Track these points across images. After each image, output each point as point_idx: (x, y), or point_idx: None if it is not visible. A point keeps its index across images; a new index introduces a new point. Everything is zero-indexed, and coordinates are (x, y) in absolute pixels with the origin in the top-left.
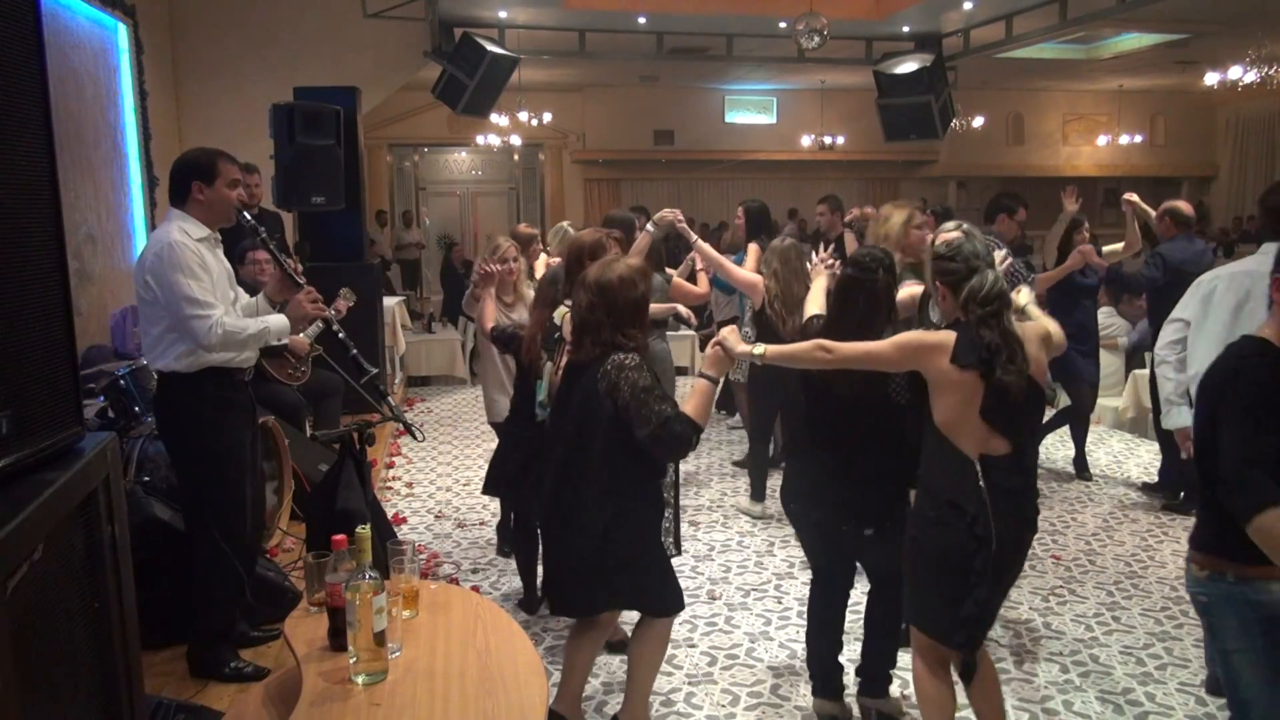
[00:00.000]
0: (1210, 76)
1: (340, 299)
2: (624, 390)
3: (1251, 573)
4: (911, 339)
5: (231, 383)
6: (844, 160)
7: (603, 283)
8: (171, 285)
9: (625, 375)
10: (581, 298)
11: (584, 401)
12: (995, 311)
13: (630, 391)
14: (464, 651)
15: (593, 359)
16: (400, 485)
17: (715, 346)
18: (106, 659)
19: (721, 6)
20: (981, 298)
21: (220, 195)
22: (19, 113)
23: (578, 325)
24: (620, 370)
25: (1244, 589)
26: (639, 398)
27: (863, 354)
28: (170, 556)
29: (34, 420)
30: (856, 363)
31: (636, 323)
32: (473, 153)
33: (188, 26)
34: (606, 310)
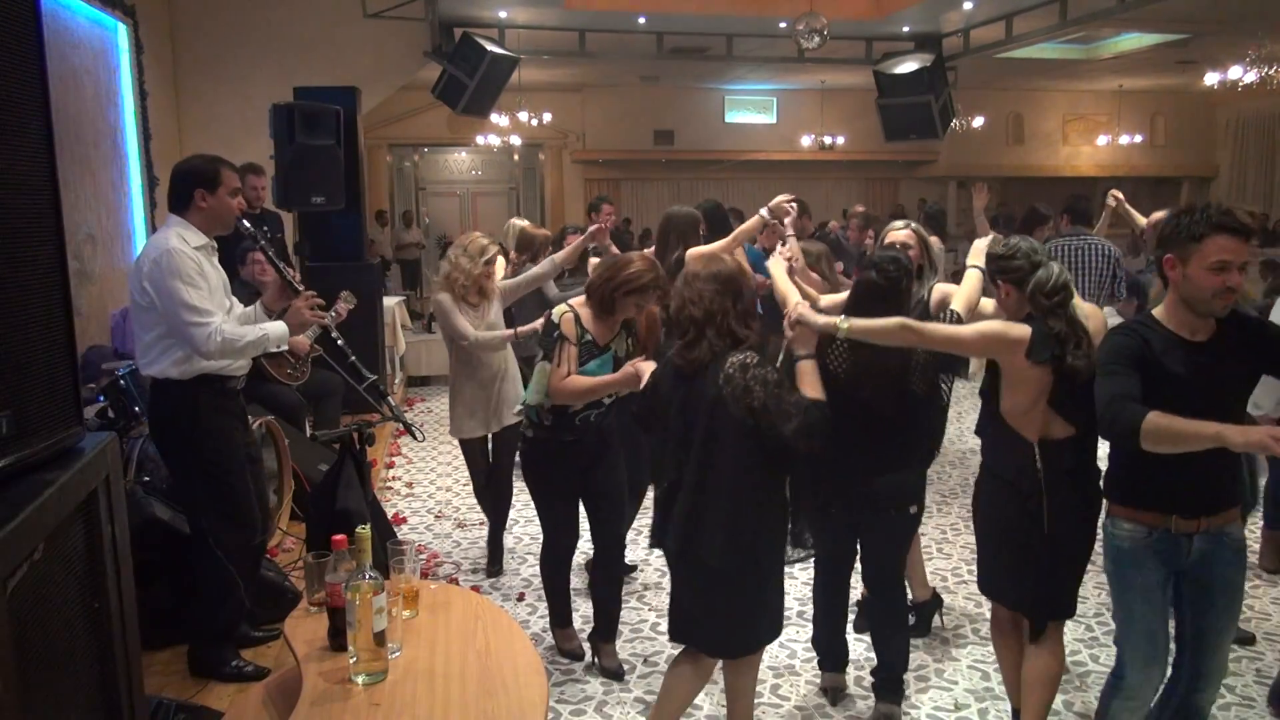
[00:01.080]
0: (1210, 76)
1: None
2: (757, 391)
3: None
4: (995, 330)
5: (224, 390)
6: (844, 160)
7: (723, 274)
8: (170, 292)
9: (753, 375)
10: (698, 290)
11: (709, 411)
12: (1062, 301)
13: (764, 390)
14: (464, 651)
15: (703, 363)
16: (400, 485)
17: (797, 325)
18: (106, 659)
19: (721, 6)
20: (1049, 289)
21: (222, 204)
22: (19, 113)
23: (699, 319)
24: (745, 371)
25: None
26: (774, 394)
27: (947, 337)
28: (170, 556)
29: (34, 420)
30: (939, 345)
31: (753, 316)
32: (473, 153)
33: (188, 26)
34: (733, 299)
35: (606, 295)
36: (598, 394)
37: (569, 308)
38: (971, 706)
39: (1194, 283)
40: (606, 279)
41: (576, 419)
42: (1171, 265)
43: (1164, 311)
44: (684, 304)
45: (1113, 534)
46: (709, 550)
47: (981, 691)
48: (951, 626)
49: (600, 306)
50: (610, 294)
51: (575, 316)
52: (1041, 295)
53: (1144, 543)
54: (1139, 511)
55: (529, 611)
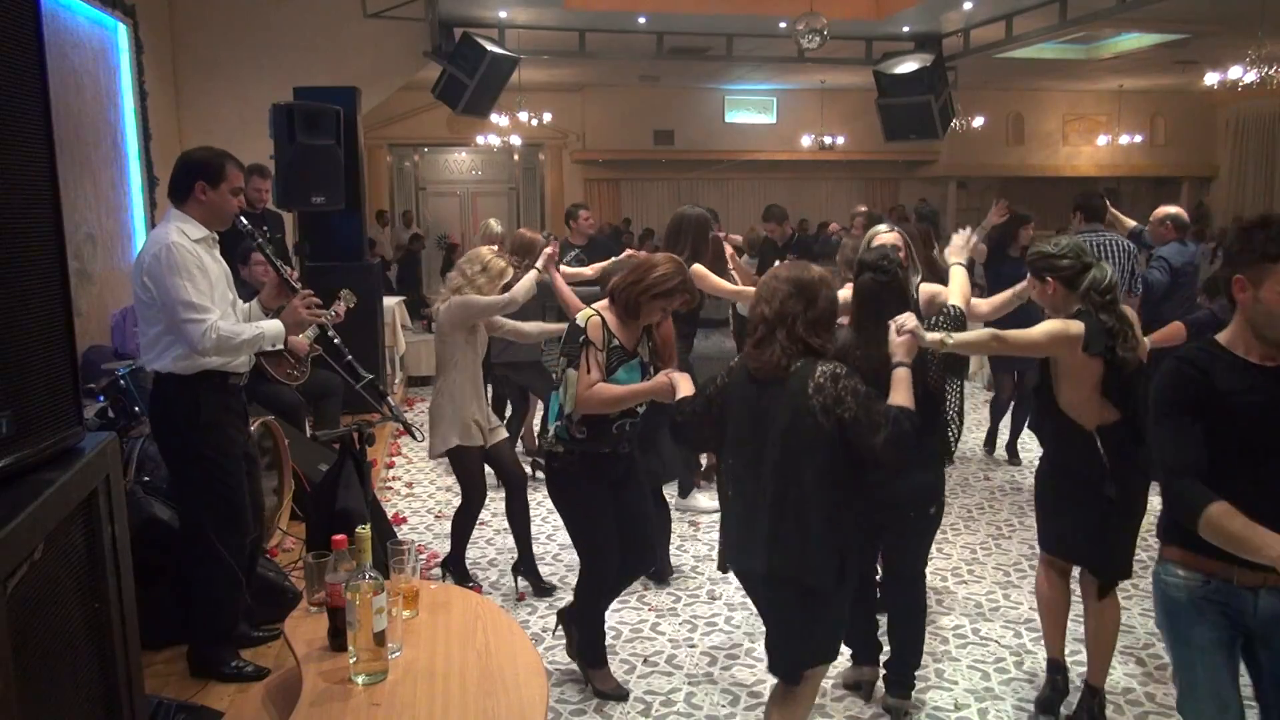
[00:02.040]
0: (1210, 76)
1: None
2: (849, 402)
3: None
4: (1059, 330)
5: (226, 387)
6: (844, 160)
7: (801, 279)
8: (168, 288)
9: (844, 385)
10: (772, 288)
11: (791, 422)
12: (1114, 299)
13: (854, 401)
14: (464, 651)
15: (777, 369)
16: (400, 485)
17: (906, 334)
18: (106, 659)
19: (721, 6)
20: (1104, 287)
21: (222, 199)
22: (19, 113)
23: (769, 318)
24: (837, 381)
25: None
26: (864, 405)
27: (1024, 342)
28: (170, 556)
29: (34, 420)
30: (1019, 350)
31: (830, 327)
32: (473, 153)
33: (188, 26)
34: (805, 305)
35: (632, 299)
36: (627, 403)
37: (595, 311)
38: (971, 706)
39: (1268, 307)
40: (633, 282)
41: (613, 428)
42: (1242, 287)
43: (1230, 336)
44: (758, 300)
45: (1164, 581)
46: (804, 568)
47: (981, 691)
48: (952, 627)
49: (626, 310)
50: (636, 298)
51: (602, 321)
52: (1096, 293)
53: (1200, 593)
54: (1195, 557)
55: (529, 611)
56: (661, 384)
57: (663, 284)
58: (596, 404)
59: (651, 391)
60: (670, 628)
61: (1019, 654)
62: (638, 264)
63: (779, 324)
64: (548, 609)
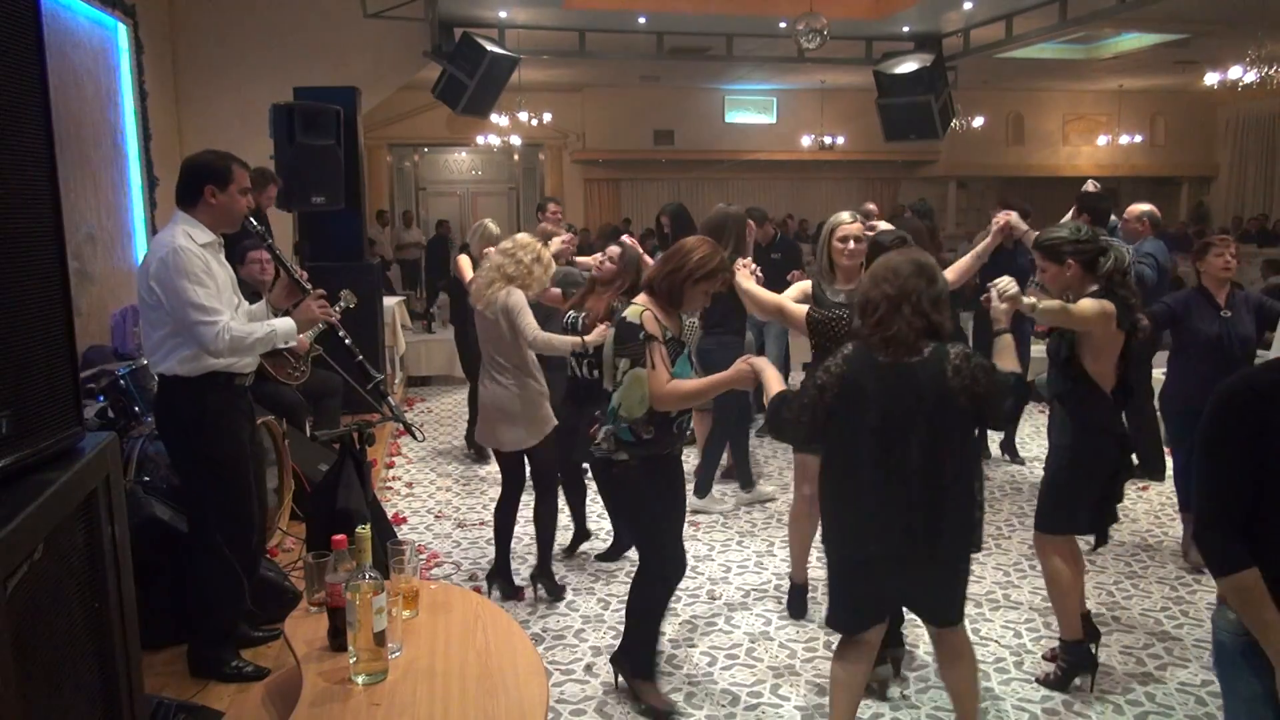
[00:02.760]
0: (1210, 76)
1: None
2: (980, 379)
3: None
4: (1101, 307)
5: (232, 388)
6: (844, 160)
7: (920, 259)
8: (177, 291)
9: (975, 364)
10: (892, 267)
11: (935, 405)
12: (1128, 277)
13: (985, 377)
14: (464, 651)
15: (909, 348)
16: (400, 485)
17: (1009, 299)
18: (106, 659)
19: (721, 6)
20: (1125, 267)
21: (232, 201)
22: (19, 113)
23: (893, 295)
24: (969, 360)
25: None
26: (992, 378)
27: (1080, 317)
28: (170, 556)
29: (34, 420)
30: (1076, 323)
31: (947, 306)
32: (473, 153)
33: (188, 26)
34: (927, 282)
35: (676, 286)
36: (707, 396)
37: (644, 305)
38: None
39: None
40: (674, 269)
41: (675, 426)
42: None
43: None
44: (876, 282)
45: (1217, 624)
46: (963, 536)
47: (981, 691)
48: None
49: (670, 300)
50: (680, 284)
51: (654, 314)
52: (1118, 273)
53: (1249, 640)
54: None
55: (529, 611)
56: (741, 371)
57: (705, 266)
58: (676, 400)
59: (732, 381)
60: (670, 628)
61: (1019, 654)
62: (672, 252)
63: (903, 300)
64: (548, 609)
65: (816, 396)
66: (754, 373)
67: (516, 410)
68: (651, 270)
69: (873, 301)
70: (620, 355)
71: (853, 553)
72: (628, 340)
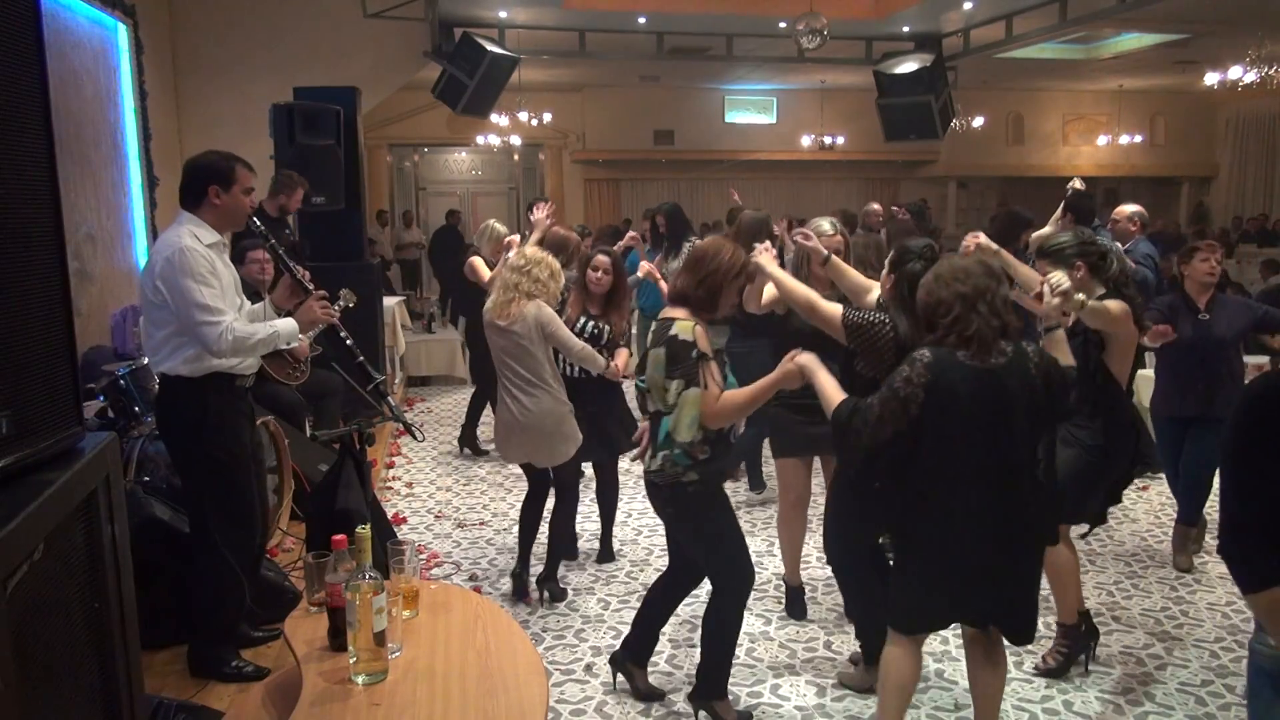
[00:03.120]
0: (1210, 76)
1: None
2: (1054, 375)
3: None
4: (1126, 307)
5: (233, 389)
6: (844, 160)
7: (988, 262)
8: (182, 291)
9: (1048, 358)
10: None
11: (1028, 402)
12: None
13: (1056, 372)
14: (464, 651)
15: (993, 347)
16: (400, 485)
17: (1060, 294)
18: (106, 659)
19: (721, 6)
20: (1127, 269)
21: (236, 201)
22: (19, 113)
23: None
24: (1043, 356)
25: None
26: (1061, 371)
27: (1110, 317)
28: (170, 556)
29: (34, 420)
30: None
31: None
32: (473, 153)
33: (188, 26)
34: (997, 283)
35: (715, 289)
36: (759, 404)
37: (690, 319)
38: (971, 706)
39: None
40: (710, 271)
41: (730, 437)
42: None
43: None
44: (945, 282)
45: (1254, 649)
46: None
47: None
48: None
49: (710, 305)
50: (719, 285)
51: (704, 328)
52: (1122, 274)
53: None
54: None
55: (529, 611)
56: (789, 371)
57: (737, 261)
58: (731, 415)
59: (780, 382)
60: (670, 628)
61: (1019, 654)
62: (698, 257)
63: (978, 299)
64: (548, 609)
65: (900, 408)
66: (801, 369)
67: (547, 428)
68: (683, 281)
69: (945, 302)
70: (672, 377)
71: (938, 563)
72: (681, 360)
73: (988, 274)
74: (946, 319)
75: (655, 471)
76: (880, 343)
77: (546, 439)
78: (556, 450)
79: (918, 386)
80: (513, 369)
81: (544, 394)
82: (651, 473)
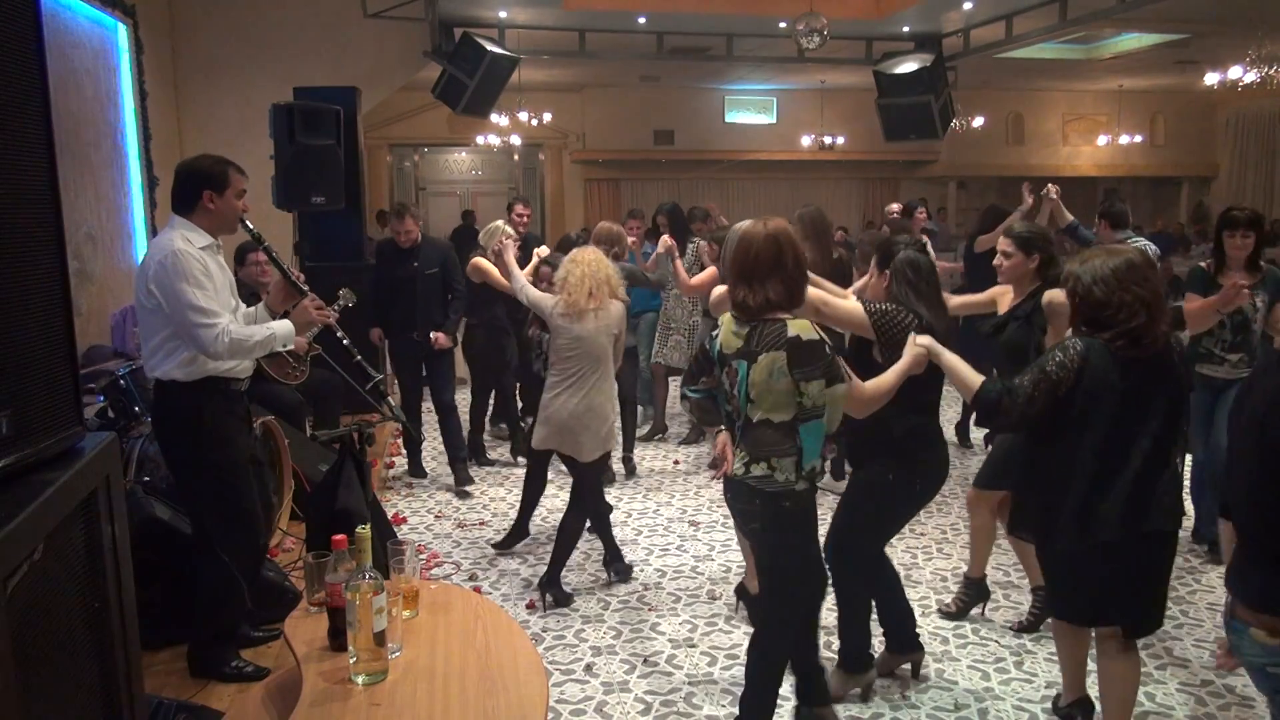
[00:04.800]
0: (1210, 76)
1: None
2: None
3: None
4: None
5: (228, 392)
6: (844, 160)
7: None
8: (176, 294)
9: (1177, 340)
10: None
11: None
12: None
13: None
14: (464, 651)
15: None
16: (400, 485)
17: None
18: (106, 659)
19: (721, 6)
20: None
21: (229, 205)
22: (19, 113)
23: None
24: (1181, 341)
25: None
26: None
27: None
28: (170, 556)
29: (34, 420)
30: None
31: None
32: (473, 153)
33: (188, 26)
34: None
35: (800, 285)
36: (895, 390)
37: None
38: (971, 706)
39: None
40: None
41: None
42: None
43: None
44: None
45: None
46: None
47: (981, 691)
48: (952, 626)
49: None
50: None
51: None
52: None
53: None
54: None
55: (529, 612)
56: (919, 356)
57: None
58: (877, 402)
59: (914, 366)
60: (670, 628)
61: (1019, 654)
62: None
63: (1155, 302)
64: (548, 609)
65: (1051, 389)
66: (927, 351)
67: (606, 417)
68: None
69: (1128, 306)
70: (812, 378)
71: (1086, 540)
72: (816, 359)
73: (1151, 266)
74: (1129, 322)
75: (762, 478)
76: (901, 332)
77: (596, 429)
78: (610, 440)
79: (1070, 371)
80: (581, 364)
81: (610, 386)
82: (755, 478)
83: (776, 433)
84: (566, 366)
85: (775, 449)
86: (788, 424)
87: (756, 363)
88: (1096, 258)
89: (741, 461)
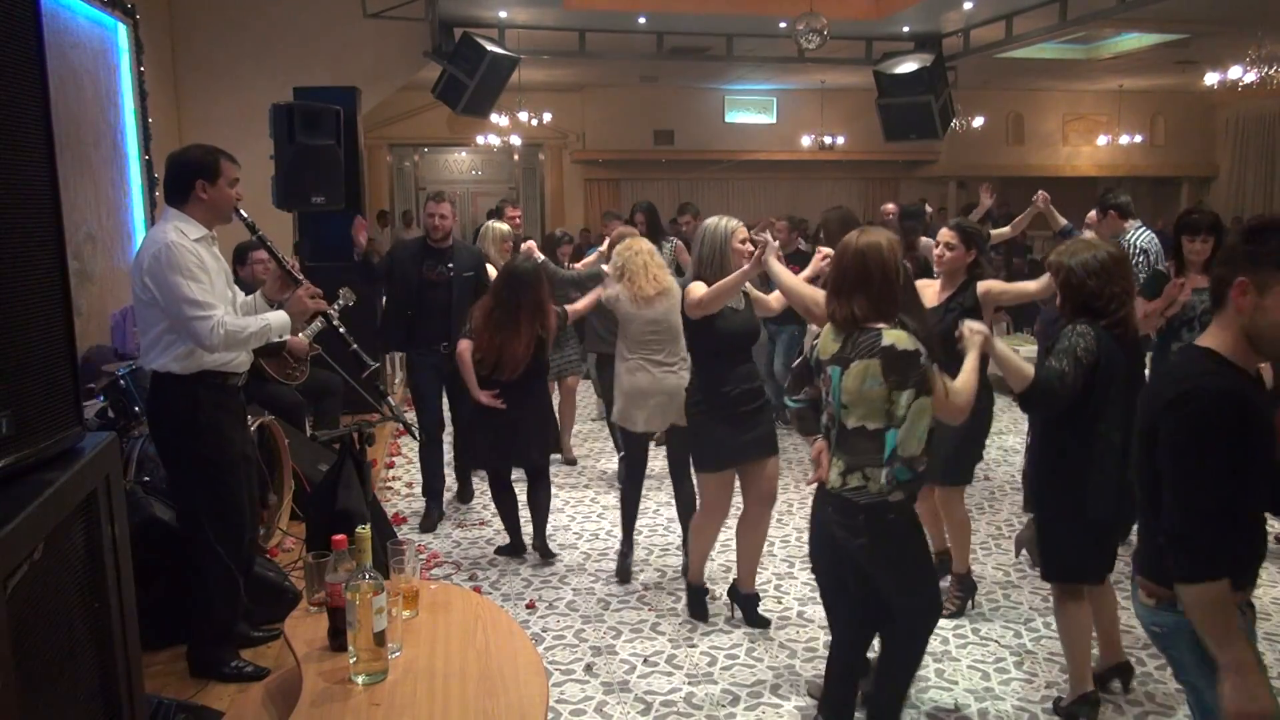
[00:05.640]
0: (1210, 76)
1: (339, 298)
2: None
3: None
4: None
5: (225, 386)
6: (844, 160)
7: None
8: (171, 287)
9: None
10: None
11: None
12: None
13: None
14: (464, 651)
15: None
16: (400, 485)
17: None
18: (106, 659)
19: (721, 6)
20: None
21: (222, 194)
22: (19, 113)
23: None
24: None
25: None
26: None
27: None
28: (170, 556)
29: (34, 420)
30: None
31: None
32: (473, 153)
33: (188, 26)
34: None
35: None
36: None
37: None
38: (971, 706)
39: (1274, 317)
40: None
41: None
42: (1243, 291)
43: (1230, 345)
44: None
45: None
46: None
47: (981, 691)
48: (952, 627)
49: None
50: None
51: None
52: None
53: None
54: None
55: (529, 612)
56: (986, 342)
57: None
58: (968, 407)
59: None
60: (670, 628)
61: (1019, 654)
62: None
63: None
64: (548, 609)
65: (1088, 371)
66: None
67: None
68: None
69: (1118, 297)
70: (903, 388)
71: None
72: (910, 369)
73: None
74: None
75: (857, 490)
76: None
77: (676, 404)
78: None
79: (1092, 354)
80: (662, 345)
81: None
82: (850, 490)
83: (871, 442)
84: (649, 348)
85: (870, 459)
86: (881, 432)
87: (849, 369)
88: (1082, 251)
89: (838, 472)
